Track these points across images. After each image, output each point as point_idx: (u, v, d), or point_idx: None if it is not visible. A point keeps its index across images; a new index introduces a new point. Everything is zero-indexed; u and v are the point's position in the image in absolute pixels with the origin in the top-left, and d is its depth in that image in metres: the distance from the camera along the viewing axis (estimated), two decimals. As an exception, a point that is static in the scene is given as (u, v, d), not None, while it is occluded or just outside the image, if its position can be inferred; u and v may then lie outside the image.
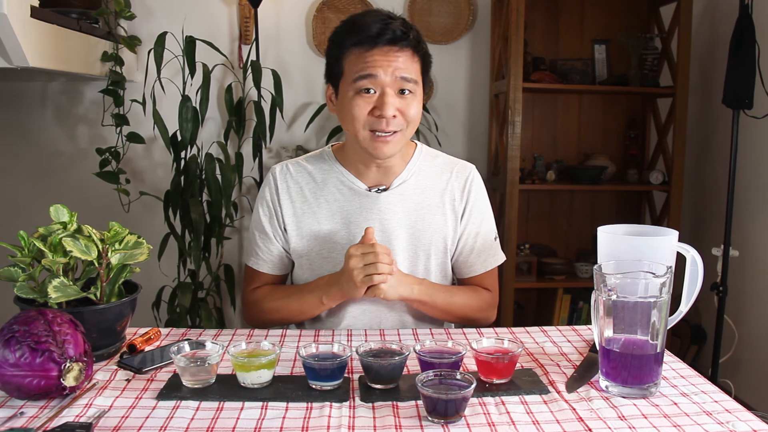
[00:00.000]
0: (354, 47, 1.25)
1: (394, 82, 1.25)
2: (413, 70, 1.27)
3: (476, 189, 1.43)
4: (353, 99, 1.26)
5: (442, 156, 1.46)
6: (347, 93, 1.27)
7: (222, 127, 2.88)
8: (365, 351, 1.03)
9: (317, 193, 1.39)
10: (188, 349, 1.04)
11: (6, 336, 0.93)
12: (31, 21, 1.93)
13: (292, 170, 1.42)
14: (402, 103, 1.26)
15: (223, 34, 2.84)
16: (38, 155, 2.86)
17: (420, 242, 1.38)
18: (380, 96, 1.25)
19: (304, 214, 1.38)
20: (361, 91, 1.25)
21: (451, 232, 1.41)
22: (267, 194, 1.41)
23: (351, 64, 1.26)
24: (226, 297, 2.82)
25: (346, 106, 1.28)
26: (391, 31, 1.23)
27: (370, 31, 1.23)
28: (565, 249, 3.12)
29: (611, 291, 0.98)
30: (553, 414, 0.94)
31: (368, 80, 1.24)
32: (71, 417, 0.91)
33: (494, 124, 2.96)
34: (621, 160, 3.07)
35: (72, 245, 1.07)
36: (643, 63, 2.86)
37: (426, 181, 1.41)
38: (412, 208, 1.38)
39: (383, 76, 1.24)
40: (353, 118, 1.27)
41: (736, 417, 0.93)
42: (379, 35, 1.23)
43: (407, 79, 1.26)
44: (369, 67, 1.24)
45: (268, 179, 1.42)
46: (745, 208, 2.67)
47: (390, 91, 1.25)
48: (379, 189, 1.38)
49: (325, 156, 1.42)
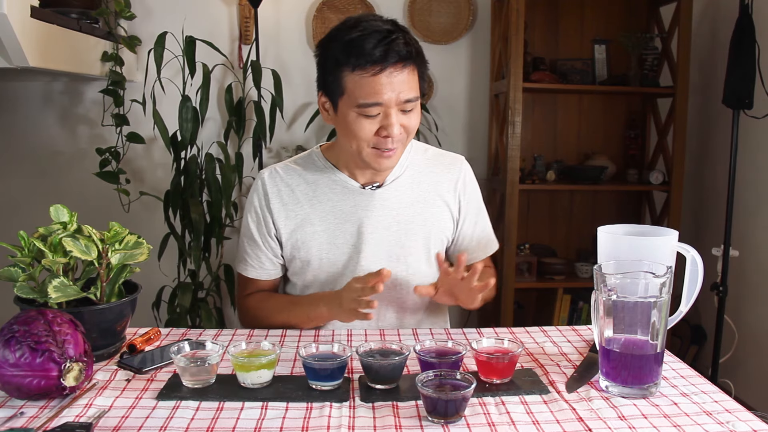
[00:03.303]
0: (356, 70, 1.20)
1: (398, 103, 1.23)
2: (414, 85, 1.25)
3: (470, 180, 1.46)
4: (357, 120, 1.24)
5: (431, 149, 1.48)
6: (349, 113, 1.24)
7: (222, 127, 2.88)
8: (365, 351, 1.03)
9: (309, 194, 1.38)
10: (188, 349, 1.04)
11: (6, 336, 0.93)
12: (31, 21, 1.93)
13: (282, 173, 1.40)
14: (405, 119, 1.25)
15: (223, 34, 2.85)
16: (38, 155, 2.86)
17: (417, 236, 1.39)
18: (385, 117, 1.23)
19: (297, 216, 1.37)
20: (366, 115, 1.23)
21: (447, 224, 1.42)
22: (255, 201, 1.39)
23: (354, 87, 1.21)
24: (226, 297, 2.82)
25: (350, 126, 1.25)
26: (395, 53, 1.19)
27: (373, 55, 1.18)
28: (565, 249, 3.12)
29: (611, 291, 0.98)
30: (553, 414, 0.94)
31: (374, 107, 1.22)
32: (71, 417, 0.91)
33: (494, 124, 2.96)
34: (621, 160, 3.07)
35: (72, 245, 1.07)
36: (643, 63, 2.87)
37: (419, 175, 1.41)
38: (407, 203, 1.38)
39: (388, 100, 1.21)
40: (357, 138, 1.25)
41: (736, 417, 0.93)
42: (383, 60, 1.19)
43: (411, 100, 1.24)
44: (374, 94, 1.20)
45: (257, 186, 1.40)
46: (745, 208, 2.67)
47: (394, 111, 1.23)
48: (374, 186, 1.37)
49: (314, 157, 1.41)
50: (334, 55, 1.23)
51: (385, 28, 1.22)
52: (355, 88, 1.22)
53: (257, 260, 1.41)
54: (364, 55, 1.19)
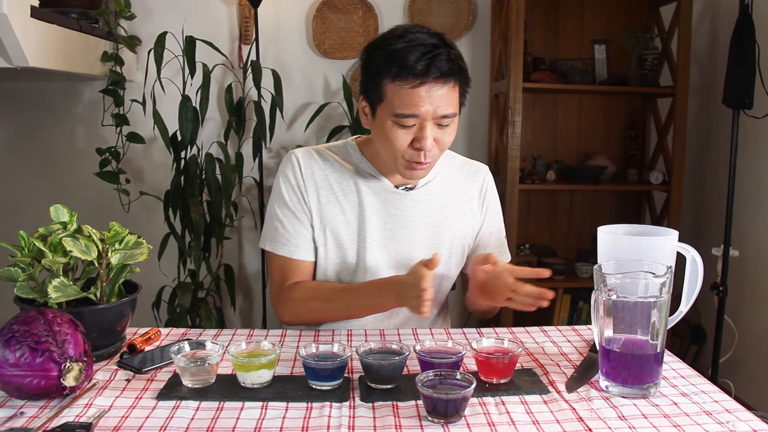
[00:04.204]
0: (397, 80, 1.20)
1: (434, 117, 1.23)
2: (453, 101, 1.24)
3: (492, 189, 1.50)
4: (392, 129, 1.24)
5: (457, 157, 1.50)
6: (386, 120, 1.24)
7: (222, 127, 2.88)
8: (365, 351, 1.03)
9: (343, 183, 1.36)
10: (188, 349, 1.04)
11: (6, 336, 0.93)
12: (31, 21, 1.93)
13: (317, 157, 1.39)
14: (440, 133, 1.25)
15: (223, 34, 2.84)
16: (38, 155, 2.86)
17: (443, 240, 1.40)
18: (420, 129, 1.23)
19: (329, 203, 1.35)
20: (402, 125, 1.23)
21: (470, 230, 1.45)
22: (291, 176, 1.36)
23: (393, 96, 1.22)
24: (226, 297, 2.82)
25: (386, 134, 1.25)
26: (437, 68, 1.18)
27: (415, 68, 1.18)
28: (565, 249, 3.12)
29: (611, 291, 0.98)
30: (553, 414, 0.94)
31: (410, 119, 1.22)
32: (71, 417, 0.91)
33: (494, 124, 2.96)
34: (621, 160, 3.07)
35: (72, 245, 1.07)
36: (643, 63, 2.87)
37: (448, 181, 1.43)
38: (436, 206, 1.40)
39: (425, 113, 1.21)
40: (392, 147, 1.25)
41: (736, 417, 0.93)
42: (425, 74, 1.18)
43: (448, 115, 1.23)
44: (412, 106, 1.20)
45: (290, 161, 1.37)
46: (745, 208, 2.67)
47: (429, 124, 1.22)
48: (407, 187, 1.38)
49: (350, 149, 1.40)
50: (377, 63, 1.23)
51: (431, 42, 1.21)
52: (394, 98, 1.22)
53: (302, 238, 1.35)
54: (406, 67, 1.19)
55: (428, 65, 1.18)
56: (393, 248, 1.37)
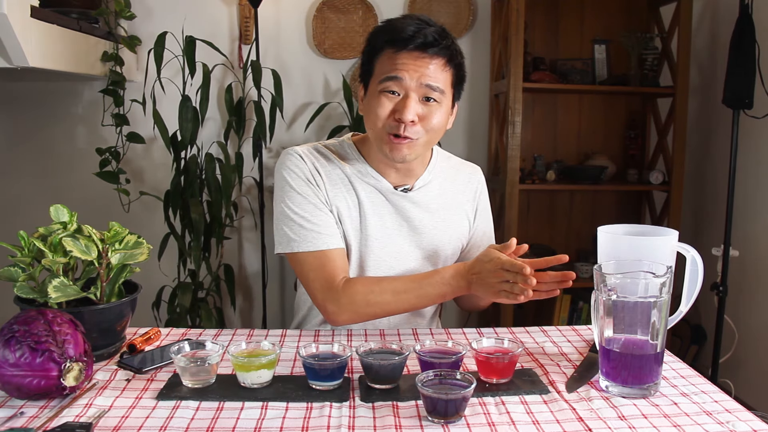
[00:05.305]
0: (386, 47, 1.25)
1: (418, 88, 1.23)
2: (441, 79, 1.24)
3: (484, 191, 1.51)
4: (378, 97, 1.25)
5: (453, 158, 1.51)
6: (374, 92, 1.27)
7: (222, 127, 2.88)
8: (365, 351, 1.03)
9: (343, 180, 1.36)
10: (188, 349, 1.04)
11: (6, 336, 0.93)
12: (31, 21, 1.93)
13: (317, 153, 1.37)
14: (425, 110, 1.25)
15: (223, 34, 2.84)
16: (38, 155, 2.86)
17: (440, 241, 1.41)
18: (402, 99, 1.24)
19: (336, 197, 1.34)
20: (386, 92, 1.24)
21: (464, 231, 1.46)
22: (298, 169, 1.32)
23: (381, 64, 1.26)
24: (226, 297, 2.82)
25: (371, 104, 1.27)
26: (424, 35, 1.22)
27: (403, 32, 1.22)
28: (565, 249, 3.12)
29: (611, 291, 0.98)
30: (553, 414, 0.94)
31: (393, 82, 1.23)
32: (71, 417, 0.91)
33: (494, 124, 2.96)
34: (621, 160, 3.07)
35: (72, 245, 1.07)
36: (643, 63, 2.87)
37: (444, 183, 1.43)
38: (434, 208, 1.40)
39: (408, 80, 1.22)
40: (375, 117, 1.26)
41: (736, 417, 0.93)
42: (412, 38, 1.22)
43: (433, 87, 1.23)
44: (396, 69, 1.23)
45: (292, 156, 1.34)
46: (745, 208, 2.67)
47: (414, 95, 1.23)
48: (405, 188, 1.38)
49: (346, 147, 1.39)
50: (372, 38, 1.29)
51: (426, 19, 1.26)
52: (381, 65, 1.26)
53: (330, 226, 1.30)
54: (396, 32, 1.23)
55: (416, 32, 1.22)
56: (392, 248, 1.37)
